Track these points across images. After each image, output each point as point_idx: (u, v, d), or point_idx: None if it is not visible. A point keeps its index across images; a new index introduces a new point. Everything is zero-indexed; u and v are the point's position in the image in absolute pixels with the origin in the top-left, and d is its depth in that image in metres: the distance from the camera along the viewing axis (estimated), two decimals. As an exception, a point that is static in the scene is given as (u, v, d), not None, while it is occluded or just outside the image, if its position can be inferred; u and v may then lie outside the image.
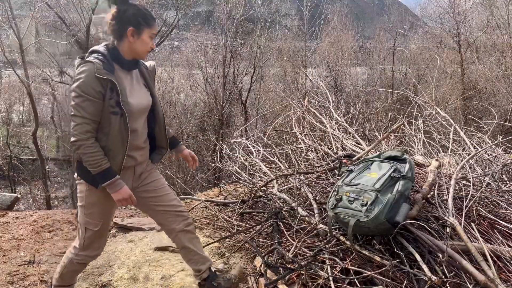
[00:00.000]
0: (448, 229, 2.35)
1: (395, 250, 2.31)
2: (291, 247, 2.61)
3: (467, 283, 2.09)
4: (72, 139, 1.85)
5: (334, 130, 4.35)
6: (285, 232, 2.84)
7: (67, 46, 14.35)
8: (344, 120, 4.85)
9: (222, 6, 15.21)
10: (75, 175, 2.06)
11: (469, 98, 11.54)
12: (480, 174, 3.29)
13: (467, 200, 2.66)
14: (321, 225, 2.72)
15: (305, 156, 4.20)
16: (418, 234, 2.34)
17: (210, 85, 15.49)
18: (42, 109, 16.72)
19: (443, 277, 2.07)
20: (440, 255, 2.19)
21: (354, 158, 3.33)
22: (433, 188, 2.76)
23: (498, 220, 2.65)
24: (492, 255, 2.22)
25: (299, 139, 4.56)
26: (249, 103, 15.28)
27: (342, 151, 3.92)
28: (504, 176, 3.39)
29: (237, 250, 2.98)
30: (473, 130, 4.64)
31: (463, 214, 2.48)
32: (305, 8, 17.22)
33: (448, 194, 2.63)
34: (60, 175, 16.26)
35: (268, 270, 2.45)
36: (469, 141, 3.83)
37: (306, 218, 2.90)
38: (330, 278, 2.23)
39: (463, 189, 2.96)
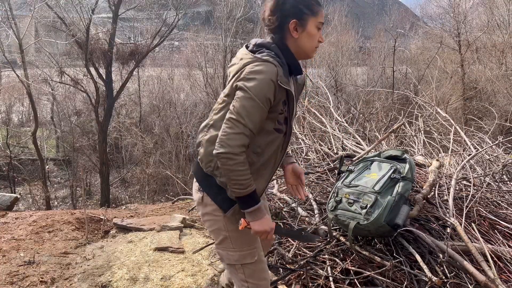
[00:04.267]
0: (448, 230, 2.34)
1: (395, 251, 2.31)
2: (291, 248, 2.60)
3: (468, 283, 2.09)
4: (220, 149, 1.46)
5: (334, 130, 4.34)
6: (285, 233, 2.83)
7: (67, 46, 14.36)
8: (345, 120, 4.85)
9: (222, 6, 15.22)
10: (198, 195, 1.67)
11: (469, 98, 11.54)
12: (481, 174, 3.29)
13: (468, 201, 2.66)
14: (321, 226, 2.72)
15: (305, 156, 4.20)
16: (418, 235, 2.34)
17: (210, 85, 15.51)
18: (41, 109, 16.73)
19: (444, 277, 2.07)
20: (441, 256, 2.19)
21: (354, 159, 3.33)
22: (433, 188, 2.75)
23: (498, 220, 2.64)
24: (493, 255, 2.22)
25: (299, 139, 4.55)
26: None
27: (342, 151, 3.92)
28: (504, 176, 3.38)
29: (237, 251, 2.97)
30: (474, 130, 4.64)
31: (464, 214, 2.48)
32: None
33: (449, 195, 2.63)
34: (60, 175, 16.26)
35: (268, 270, 2.44)
36: (469, 141, 3.83)
37: (306, 219, 2.89)
38: (330, 278, 2.22)
39: (464, 190, 2.96)
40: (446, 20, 14.83)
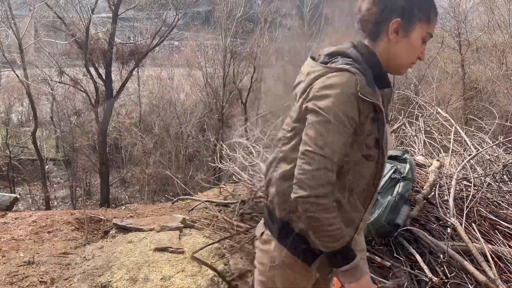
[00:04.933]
0: (449, 230, 2.34)
1: (395, 251, 2.30)
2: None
3: (468, 283, 2.08)
4: (300, 191, 1.14)
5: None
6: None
7: (66, 46, 14.35)
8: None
9: (222, 6, 15.21)
10: (259, 229, 1.38)
11: (470, 98, 11.53)
12: (481, 174, 3.28)
13: (468, 201, 2.66)
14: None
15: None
16: (419, 235, 2.34)
17: (210, 85, 15.50)
18: (41, 109, 16.71)
19: (444, 277, 2.06)
20: (441, 256, 2.19)
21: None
22: (434, 188, 2.75)
23: (499, 220, 2.64)
24: (493, 255, 2.22)
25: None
26: (249, 103, 15.30)
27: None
28: (505, 176, 3.38)
29: (237, 251, 2.97)
30: (474, 130, 4.63)
31: (464, 214, 2.47)
32: (305, 7, 17.23)
33: (449, 195, 2.62)
34: (59, 175, 16.26)
35: (268, 271, 2.43)
36: (470, 141, 3.83)
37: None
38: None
39: (464, 190, 2.96)
40: (446, 20, 14.81)
